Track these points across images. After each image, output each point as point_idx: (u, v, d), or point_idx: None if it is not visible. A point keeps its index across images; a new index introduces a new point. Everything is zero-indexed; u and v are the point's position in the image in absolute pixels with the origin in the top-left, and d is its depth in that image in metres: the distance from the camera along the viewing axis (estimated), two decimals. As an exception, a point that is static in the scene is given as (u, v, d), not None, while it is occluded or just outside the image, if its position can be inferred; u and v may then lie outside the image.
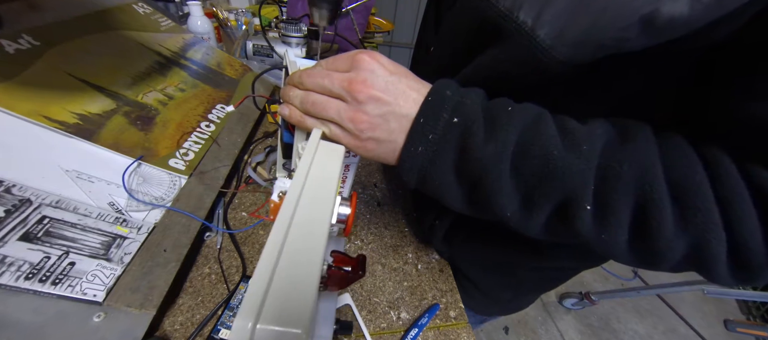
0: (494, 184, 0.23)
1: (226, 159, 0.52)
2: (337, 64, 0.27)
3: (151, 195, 0.41)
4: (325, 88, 0.27)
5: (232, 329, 0.15)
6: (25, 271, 0.30)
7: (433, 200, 0.28)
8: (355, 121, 0.25)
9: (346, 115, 0.26)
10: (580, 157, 0.22)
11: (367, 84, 0.25)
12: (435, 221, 0.45)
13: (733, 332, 1.56)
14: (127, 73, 0.52)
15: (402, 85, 0.26)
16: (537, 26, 0.23)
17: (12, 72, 0.38)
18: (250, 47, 0.86)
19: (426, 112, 0.25)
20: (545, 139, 0.23)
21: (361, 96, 0.25)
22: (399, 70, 0.27)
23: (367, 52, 0.26)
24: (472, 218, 0.40)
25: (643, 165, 0.21)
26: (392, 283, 0.44)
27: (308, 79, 0.27)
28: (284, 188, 0.25)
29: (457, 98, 0.25)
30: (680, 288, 1.32)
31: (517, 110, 0.24)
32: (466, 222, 0.42)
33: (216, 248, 0.43)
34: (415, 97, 0.26)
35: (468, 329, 0.41)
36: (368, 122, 0.25)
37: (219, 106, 0.60)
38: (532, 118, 0.24)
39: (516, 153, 0.23)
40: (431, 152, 0.25)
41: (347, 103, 0.26)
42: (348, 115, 0.26)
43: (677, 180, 0.21)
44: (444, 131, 0.24)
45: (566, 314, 1.56)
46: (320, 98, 0.27)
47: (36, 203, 0.33)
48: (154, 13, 0.69)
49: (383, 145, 0.26)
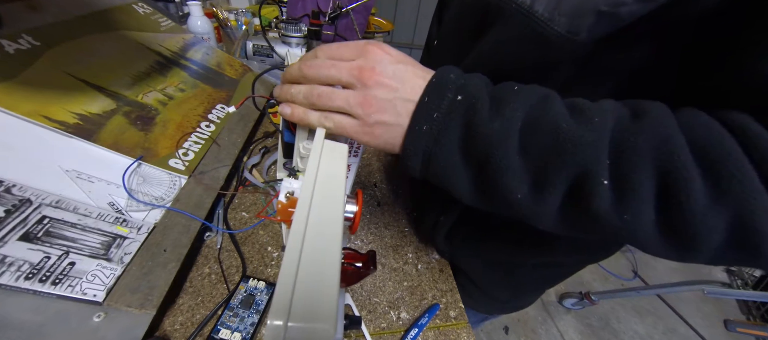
0: (502, 162, 0.22)
1: (226, 159, 0.52)
2: (341, 52, 0.28)
3: (151, 195, 0.41)
4: (331, 77, 0.27)
5: (266, 330, 0.16)
6: (25, 271, 0.30)
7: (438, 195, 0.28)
8: (364, 105, 0.26)
9: (354, 101, 0.26)
10: (591, 130, 0.21)
11: (376, 71, 0.26)
12: (439, 217, 0.44)
13: (733, 332, 1.56)
14: (127, 73, 0.52)
15: (408, 72, 0.26)
16: (535, 3, 0.24)
17: (12, 72, 0.38)
18: (250, 47, 0.86)
19: (430, 92, 0.25)
20: (554, 115, 0.22)
21: (371, 81, 0.25)
22: (406, 59, 0.27)
23: (375, 43, 0.27)
24: (475, 214, 0.39)
25: (662, 135, 0.19)
26: (392, 283, 0.44)
27: (311, 71, 0.27)
28: (290, 188, 0.26)
29: (461, 81, 0.25)
30: (680, 288, 1.32)
31: (524, 89, 0.24)
32: (470, 219, 0.42)
33: (216, 248, 0.43)
34: (420, 83, 0.26)
35: (468, 329, 0.41)
36: (377, 106, 0.26)
37: (219, 106, 0.60)
38: (540, 96, 0.24)
39: (523, 129, 0.22)
40: (436, 131, 0.25)
41: (356, 90, 0.26)
42: (357, 100, 0.26)
43: (703, 147, 0.19)
44: (449, 109, 0.24)
45: (566, 314, 1.56)
46: (326, 89, 0.27)
47: (36, 203, 0.33)
48: (154, 13, 0.69)
49: (390, 130, 0.26)
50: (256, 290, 0.38)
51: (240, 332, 0.34)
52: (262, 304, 0.37)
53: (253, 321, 0.35)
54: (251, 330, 0.35)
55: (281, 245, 0.45)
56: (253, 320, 0.35)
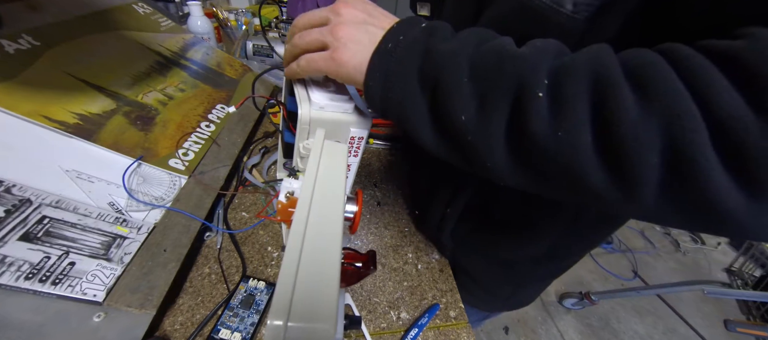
0: (451, 80, 0.23)
1: (226, 159, 0.52)
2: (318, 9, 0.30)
3: (151, 195, 0.41)
4: (310, 21, 0.29)
5: (266, 330, 0.16)
6: (25, 271, 0.30)
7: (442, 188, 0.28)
8: (335, 32, 0.27)
9: (327, 30, 0.27)
10: (533, 51, 0.22)
11: (347, 3, 0.28)
12: (446, 210, 0.44)
13: (733, 332, 1.56)
14: (127, 73, 0.52)
15: (380, 12, 0.29)
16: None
17: (12, 72, 0.38)
18: (250, 47, 0.86)
19: (402, 24, 0.27)
20: (503, 42, 0.23)
21: (344, 11, 0.27)
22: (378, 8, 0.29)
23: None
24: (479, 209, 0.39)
25: (597, 56, 0.20)
26: (392, 283, 0.44)
27: (297, 22, 0.30)
28: (290, 188, 0.26)
29: (430, 23, 0.27)
30: (680, 288, 1.32)
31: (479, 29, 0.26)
32: (473, 214, 0.43)
33: (216, 248, 0.43)
34: (392, 19, 0.28)
35: (468, 329, 0.41)
36: (347, 32, 0.27)
37: (219, 106, 0.60)
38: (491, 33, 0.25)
39: (474, 53, 0.23)
40: (400, 53, 0.25)
41: (330, 23, 0.28)
42: (329, 29, 0.27)
43: (634, 65, 0.19)
44: (414, 36, 0.25)
45: (566, 314, 1.56)
46: (305, 30, 0.29)
47: (36, 203, 0.33)
48: (154, 13, 0.69)
49: (359, 53, 0.27)
50: (256, 290, 0.38)
51: (240, 332, 0.34)
52: (262, 304, 0.37)
53: (253, 321, 0.35)
54: (251, 330, 0.35)
55: (281, 245, 0.45)
56: (253, 320, 0.36)
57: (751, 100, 0.16)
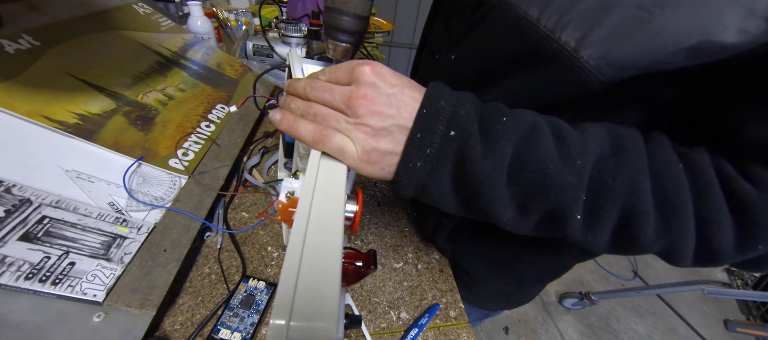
0: (491, 194, 0.24)
1: (226, 159, 0.52)
2: (337, 74, 0.27)
3: (151, 195, 0.41)
4: (326, 101, 0.26)
5: (268, 330, 0.16)
6: (25, 271, 0.30)
7: None
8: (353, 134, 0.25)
9: (346, 125, 0.25)
10: (574, 173, 0.23)
11: (367, 98, 0.24)
12: (442, 219, 0.45)
13: (733, 332, 1.56)
14: (127, 73, 0.52)
15: (405, 97, 0.25)
16: (581, 47, 0.24)
17: (12, 72, 0.38)
18: (250, 47, 0.86)
19: (421, 127, 0.24)
20: (542, 153, 0.23)
21: (361, 110, 0.24)
22: (401, 81, 0.26)
23: (368, 64, 0.25)
24: None
25: (633, 180, 0.22)
26: (392, 283, 0.44)
27: (312, 92, 0.27)
28: (291, 188, 0.26)
29: (450, 108, 0.25)
30: (680, 288, 1.32)
31: (512, 120, 0.24)
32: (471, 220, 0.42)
33: (216, 248, 0.43)
34: (415, 106, 0.25)
35: (468, 329, 0.41)
36: (372, 135, 0.25)
37: (219, 106, 0.60)
38: (528, 128, 0.24)
39: (512, 165, 0.24)
40: (430, 166, 0.25)
41: (348, 117, 0.25)
42: (347, 128, 0.25)
43: (665, 197, 0.22)
44: (441, 145, 0.24)
45: (566, 314, 1.56)
46: (322, 110, 0.26)
47: (36, 203, 0.33)
48: (154, 13, 0.69)
49: (387, 158, 0.25)
50: (256, 290, 0.38)
51: (240, 332, 0.34)
52: (262, 304, 0.37)
53: (253, 321, 0.35)
54: (251, 330, 0.35)
55: (282, 244, 0.45)
56: (253, 320, 0.35)
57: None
